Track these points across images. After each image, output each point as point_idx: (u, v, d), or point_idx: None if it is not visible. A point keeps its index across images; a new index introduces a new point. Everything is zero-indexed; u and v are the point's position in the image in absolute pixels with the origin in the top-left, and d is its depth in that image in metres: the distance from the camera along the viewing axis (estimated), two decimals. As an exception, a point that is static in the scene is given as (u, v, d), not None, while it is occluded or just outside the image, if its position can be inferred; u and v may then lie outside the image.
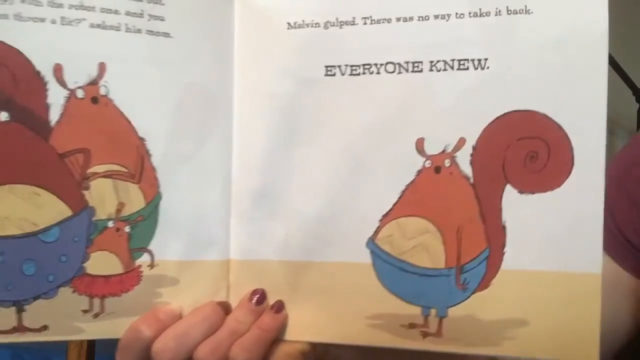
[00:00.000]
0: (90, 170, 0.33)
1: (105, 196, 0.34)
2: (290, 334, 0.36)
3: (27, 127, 0.32)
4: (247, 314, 0.35)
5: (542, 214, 0.32)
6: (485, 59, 0.32)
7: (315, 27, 0.34)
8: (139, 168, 0.34)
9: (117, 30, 0.33)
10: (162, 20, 0.34)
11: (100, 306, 0.34)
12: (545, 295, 0.33)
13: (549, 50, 0.32)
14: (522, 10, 0.32)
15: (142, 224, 0.34)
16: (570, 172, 0.32)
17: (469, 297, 0.34)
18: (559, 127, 0.32)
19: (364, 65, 0.34)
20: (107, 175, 0.34)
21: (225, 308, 0.35)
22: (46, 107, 0.32)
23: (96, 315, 0.34)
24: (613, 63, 0.97)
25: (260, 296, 0.35)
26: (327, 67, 0.34)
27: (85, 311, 0.34)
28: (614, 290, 0.45)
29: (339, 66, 0.34)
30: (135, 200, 0.34)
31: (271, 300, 0.36)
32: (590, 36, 0.31)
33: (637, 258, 0.44)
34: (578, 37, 0.31)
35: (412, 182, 0.34)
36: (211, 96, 0.35)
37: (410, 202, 0.34)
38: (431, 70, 0.33)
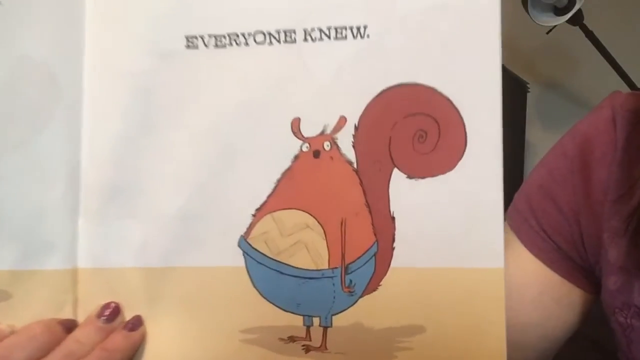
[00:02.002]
0: None
1: None
2: (150, 355, 0.30)
3: None
4: (93, 332, 0.29)
5: (434, 202, 0.28)
6: (365, 27, 0.28)
7: (174, -8, 0.30)
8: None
9: None
10: (-13, -18, 0.28)
11: None
12: (443, 296, 0.28)
13: (435, 15, 0.28)
14: (404, -31, 0.28)
15: (-40, 226, 0.28)
16: (463, 153, 0.28)
17: (356, 302, 0.29)
18: (449, 102, 0.28)
19: (229, 35, 0.29)
20: None
21: (69, 326, 0.29)
22: None
23: None
24: (613, 62, 0.98)
25: (112, 311, 0.29)
26: (188, 37, 0.30)
27: None
28: (546, 296, 0.42)
29: (202, 37, 0.30)
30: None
31: (128, 315, 0.30)
32: (481, 0, 0.28)
33: (569, 263, 0.42)
34: (466, 1, 0.28)
35: (288, 169, 0.29)
36: (52, 73, 0.30)
37: (286, 193, 0.29)
38: (306, 40, 0.29)
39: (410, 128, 0.28)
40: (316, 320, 0.29)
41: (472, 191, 0.28)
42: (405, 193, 0.28)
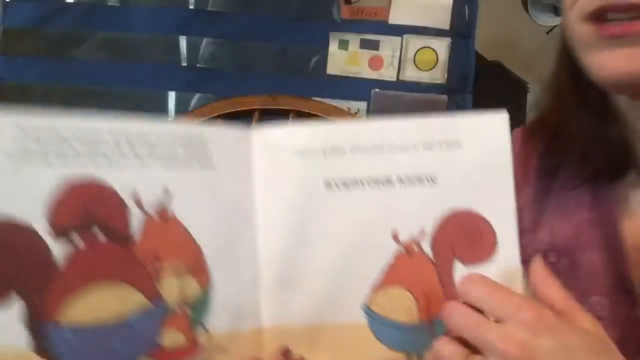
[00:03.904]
0: (161, 269, 0.46)
1: (172, 287, 0.46)
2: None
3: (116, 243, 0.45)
4: (280, 368, 0.47)
5: (482, 279, 0.47)
6: (435, 177, 0.48)
7: (316, 155, 0.49)
8: (196, 265, 0.47)
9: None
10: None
11: (169, 371, 0.46)
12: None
13: (476, 170, 0.48)
14: (456, 143, 0.48)
15: (198, 305, 0.47)
16: (495, 249, 0.47)
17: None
18: (486, 220, 0.47)
19: (352, 180, 0.49)
20: (174, 272, 0.46)
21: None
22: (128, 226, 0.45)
23: (167, 379, 0.46)
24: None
25: (286, 351, 0.48)
26: (326, 183, 0.49)
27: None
28: None
29: (336, 182, 0.49)
30: (192, 288, 0.46)
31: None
32: (499, 161, 0.48)
33: None
34: (491, 161, 0.48)
35: (392, 262, 0.48)
36: (237, 209, 0.49)
37: (392, 277, 0.48)
38: (399, 183, 0.48)
39: (464, 234, 0.47)
40: (414, 355, 0.48)
41: (501, 270, 0.47)
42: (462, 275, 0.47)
